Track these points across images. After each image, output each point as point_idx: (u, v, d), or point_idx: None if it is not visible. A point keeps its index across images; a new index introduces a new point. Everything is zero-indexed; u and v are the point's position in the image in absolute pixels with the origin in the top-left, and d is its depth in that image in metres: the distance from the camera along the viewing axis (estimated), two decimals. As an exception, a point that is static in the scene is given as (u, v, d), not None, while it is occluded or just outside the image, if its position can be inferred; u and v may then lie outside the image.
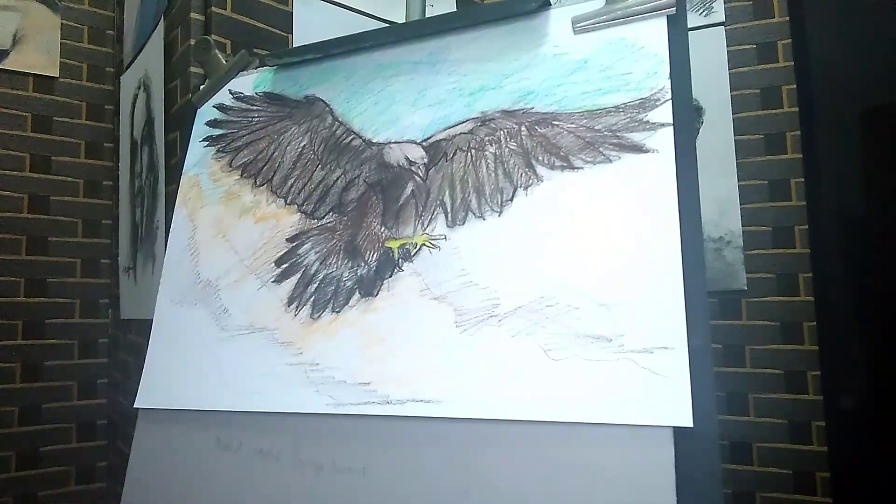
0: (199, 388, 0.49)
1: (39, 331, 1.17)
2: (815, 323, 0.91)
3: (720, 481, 0.36)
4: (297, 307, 0.48)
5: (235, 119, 0.60)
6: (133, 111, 1.13)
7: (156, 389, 0.52)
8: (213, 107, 0.62)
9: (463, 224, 0.45)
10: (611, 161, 0.41)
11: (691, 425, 0.34)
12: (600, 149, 0.42)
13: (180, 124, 0.89)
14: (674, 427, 0.34)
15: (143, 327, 1.01)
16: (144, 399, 0.52)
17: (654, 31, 0.43)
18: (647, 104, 0.42)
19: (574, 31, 0.46)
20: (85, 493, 1.17)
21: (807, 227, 0.93)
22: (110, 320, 1.23)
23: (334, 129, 0.54)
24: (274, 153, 0.56)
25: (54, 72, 1.21)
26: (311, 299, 0.48)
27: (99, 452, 1.20)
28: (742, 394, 0.94)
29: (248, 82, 0.61)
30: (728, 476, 0.92)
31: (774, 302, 0.93)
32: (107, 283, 1.24)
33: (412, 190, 0.48)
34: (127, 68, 1.18)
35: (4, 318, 1.13)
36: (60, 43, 1.21)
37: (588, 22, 0.46)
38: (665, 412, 0.34)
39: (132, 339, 1.10)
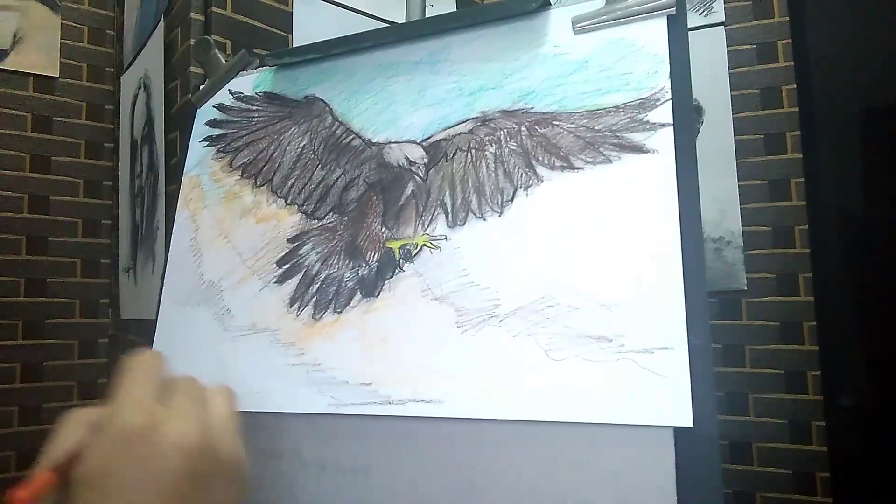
0: (201, 388, 0.49)
1: (39, 331, 1.17)
2: (815, 323, 0.91)
3: (720, 481, 0.36)
4: (298, 308, 0.48)
5: (235, 119, 0.60)
6: (133, 111, 1.13)
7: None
8: (213, 107, 0.62)
9: (463, 224, 0.45)
10: (611, 161, 0.41)
11: (691, 425, 0.34)
12: (600, 149, 0.42)
13: (180, 124, 0.89)
14: (674, 427, 0.34)
15: (143, 327, 1.01)
16: (147, 399, 0.52)
17: (654, 31, 0.43)
18: (647, 104, 0.42)
19: (574, 31, 0.46)
20: (85, 493, 1.17)
21: (807, 227, 0.93)
22: (110, 320, 1.23)
23: (334, 128, 0.54)
24: (274, 153, 0.56)
25: (54, 72, 1.21)
26: (313, 300, 0.48)
27: (99, 452, 1.20)
28: (742, 394, 0.94)
29: (248, 82, 0.61)
30: (728, 476, 0.92)
31: (774, 302, 0.93)
32: (107, 283, 1.24)
33: (412, 190, 0.48)
34: (127, 68, 1.18)
35: (4, 318, 1.13)
36: (60, 43, 1.21)
37: (588, 22, 0.46)
38: (665, 412, 0.34)
39: (132, 339, 1.10)
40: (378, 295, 0.46)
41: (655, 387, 0.35)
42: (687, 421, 0.34)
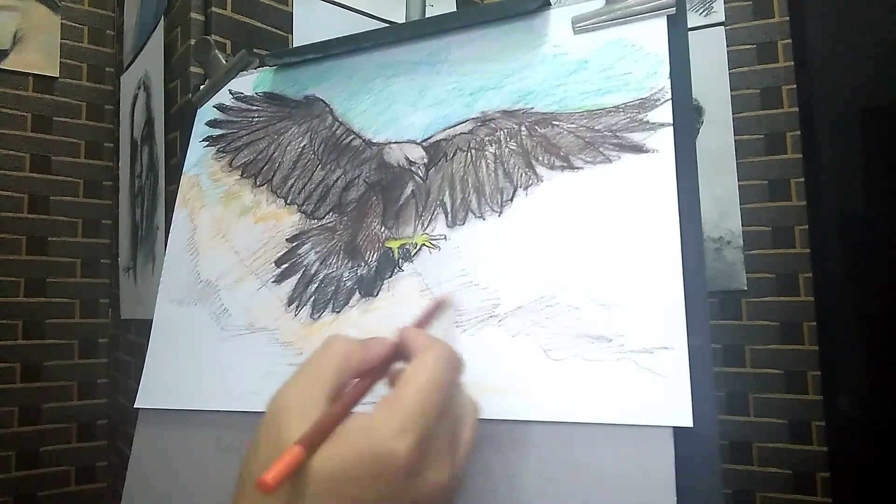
0: (199, 388, 0.49)
1: (39, 331, 1.17)
2: (815, 323, 0.91)
3: (720, 481, 0.36)
4: (297, 307, 0.48)
5: (235, 119, 0.60)
6: (133, 111, 1.13)
7: (156, 389, 0.52)
8: (213, 107, 0.62)
9: (463, 224, 0.45)
10: (611, 161, 0.41)
11: (691, 425, 0.34)
12: (600, 149, 0.42)
13: (180, 124, 0.89)
14: (674, 427, 0.34)
15: (143, 327, 1.01)
16: (144, 399, 0.52)
17: (654, 31, 0.43)
18: (647, 104, 0.42)
19: (574, 31, 0.46)
20: (85, 493, 1.17)
21: (807, 227, 0.93)
22: (110, 320, 1.23)
23: (334, 129, 0.54)
24: (274, 153, 0.56)
25: (54, 72, 1.21)
26: (311, 299, 0.48)
27: (99, 452, 1.20)
28: (742, 394, 0.94)
29: (248, 82, 0.61)
30: (728, 476, 0.92)
31: (774, 302, 0.93)
32: (107, 283, 1.24)
33: (412, 190, 0.48)
34: (127, 68, 1.18)
35: (4, 318, 1.13)
36: (60, 43, 1.21)
37: (588, 22, 0.46)
38: (665, 412, 0.34)
39: (132, 339, 1.10)
40: (377, 294, 0.46)
41: (655, 387, 0.35)
42: (687, 421, 0.34)
